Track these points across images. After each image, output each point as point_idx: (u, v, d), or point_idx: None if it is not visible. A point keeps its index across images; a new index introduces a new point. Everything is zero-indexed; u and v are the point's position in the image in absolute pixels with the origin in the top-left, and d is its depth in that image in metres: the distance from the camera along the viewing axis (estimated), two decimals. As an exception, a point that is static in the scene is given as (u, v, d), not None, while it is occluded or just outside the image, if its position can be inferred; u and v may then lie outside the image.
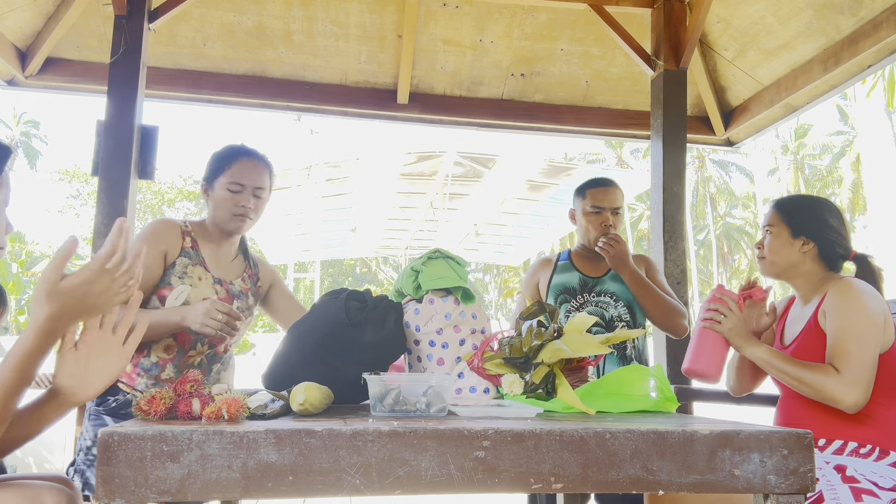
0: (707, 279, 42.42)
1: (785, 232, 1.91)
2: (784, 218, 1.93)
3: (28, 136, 37.75)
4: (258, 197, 2.10)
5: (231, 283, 2.13)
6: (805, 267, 1.90)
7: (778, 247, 1.91)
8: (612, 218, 2.58)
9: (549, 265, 2.72)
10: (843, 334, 1.69)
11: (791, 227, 1.91)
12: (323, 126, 36.12)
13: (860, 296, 1.74)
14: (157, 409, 1.15)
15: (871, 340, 1.68)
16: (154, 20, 3.14)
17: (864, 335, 1.68)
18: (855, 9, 3.04)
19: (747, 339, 1.82)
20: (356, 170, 10.12)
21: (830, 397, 1.65)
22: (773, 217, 1.95)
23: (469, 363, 1.61)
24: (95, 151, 2.98)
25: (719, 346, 1.86)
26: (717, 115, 4.05)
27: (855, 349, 1.66)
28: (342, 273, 43.46)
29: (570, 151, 44.82)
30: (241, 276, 2.19)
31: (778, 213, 1.95)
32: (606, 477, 1.07)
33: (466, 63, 3.96)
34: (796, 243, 1.89)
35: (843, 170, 34.40)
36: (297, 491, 1.00)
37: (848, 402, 1.63)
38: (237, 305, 2.12)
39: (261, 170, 2.12)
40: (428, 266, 1.77)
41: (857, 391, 1.62)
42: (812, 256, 1.89)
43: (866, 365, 1.65)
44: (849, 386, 1.62)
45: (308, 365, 1.58)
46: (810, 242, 1.88)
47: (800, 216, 1.91)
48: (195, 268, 2.06)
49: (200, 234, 2.13)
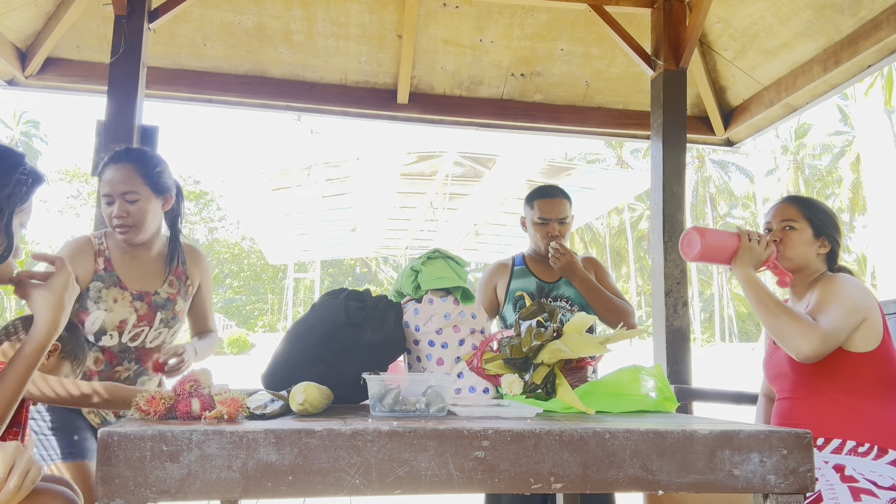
0: (707, 279, 42.42)
1: (808, 230, 1.95)
2: (807, 216, 1.96)
3: (28, 136, 37.75)
4: (131, 202, 1.96)
5: (155, 294, 2.06)
6: (814, 266, 1.95)
7: (800, 243, 1.95)
8: (559, 227, 2.62)
9: (505, 270, 2.75)
10: (826, 302, 1.76)
11: (814, 226, 1.95)
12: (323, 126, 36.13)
13: (847, 284, 1.81)
14: (156, 409, 1.15)
15: (849, 312, 1.73)
16: (154, 20, 3.14)
17: (845, 307, 1.74)
18: (855, 9, 3.04)
19: (750, 264, 1.87)
20: (356, 170, 10.12)
21: (792, 335, 1.69)
22: (794, 213, 1.98)
23: (468, 363, 1.61)
24: (95, 151, 2.98)
25: (725, 250, 1.91)
26: (716, 115, 4.05)
27: (834, 312, 1.72)
28: (342, 273, 43.45)
29: (570, 151, 44.84)
30: (165, 280, 2.10)
31: (801, 211, 1.98)
32: (606, 477, 1.07)
33: (466, 63, 3.96)
34: (816, 243, 1.95)
35: (843, 170, 34.42)
36: (296, 491, 1.00)
37: (805, 349, 1.67)
38: (161, 317, 2.07)
39: (125, 173, 1.96)
40: (427, 266, 1.77)
41: (818, 344, 1.67)
42: (823, 257, 1.96)
43: (838, 330, 1.70)
44: (815, 337, 1.67)
45: (307, 365, 1.58)
46: (828, 245, 1.95)
47: (823, 218, 1.97)
48: (110, 290, 1.99)
49: (116, 246, 2.05)
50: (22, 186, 1.31)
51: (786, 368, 1.88)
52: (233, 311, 39.20)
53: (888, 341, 1.80)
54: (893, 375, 1.78)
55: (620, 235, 43.42)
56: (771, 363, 1.98)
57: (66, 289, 1.36)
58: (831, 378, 1.78)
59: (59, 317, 1.33)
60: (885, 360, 1.77)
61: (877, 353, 1.76)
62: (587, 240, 43.60)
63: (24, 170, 1.32)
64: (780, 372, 1.91)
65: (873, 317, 1.78)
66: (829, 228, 1.96)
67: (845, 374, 1.77)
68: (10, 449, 1.11)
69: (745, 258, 1.88)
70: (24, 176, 1.31)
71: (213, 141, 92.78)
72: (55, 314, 1.32)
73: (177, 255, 2.15)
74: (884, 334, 1.79)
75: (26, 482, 1.10)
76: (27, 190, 1.33)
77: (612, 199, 12.43)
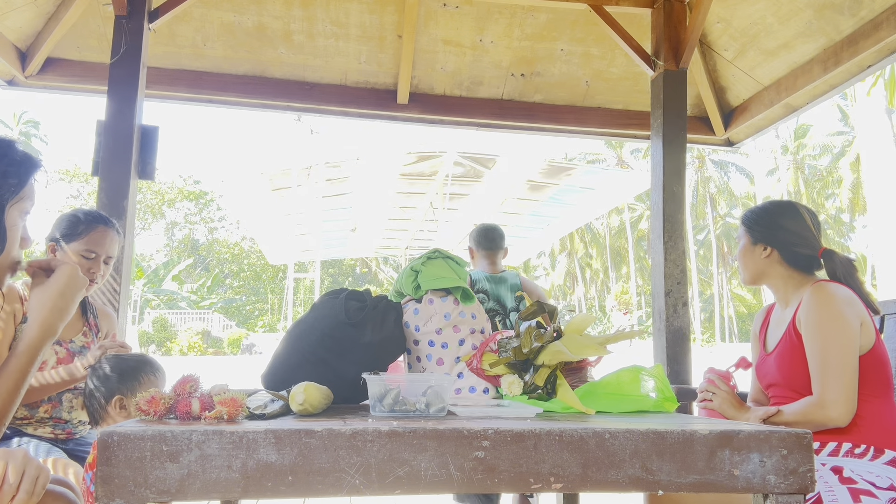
0: (707, 279, 42.43)
1: (747, 241, 1.99)
2: (745, 228, 2.01)
3: (28, 136, 37.77)
4: (107, 264, 2.23)
5: (71, 342, 2.20)
6: (774, 271, 1.94)
7: (742, 256, 2.01)
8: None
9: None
10: (821, 352, 1.73)
11: (751, 235, 1.98)
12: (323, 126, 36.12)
13: (833, 302, 1.75)
14: (156, 410, 1.15)
15: (848, 349, 1.71)
16: (154, 20, 3.14)
17: (841, 346, 1.71)
18: (855, 9, 3.04)
19: (738, 410, 1.88)
20: (356, 170, 10.13)
21: (822, 423, 1.71)
22: (740, 228, 2.05)
23: (468, 364, 1.61)
24: (95, 151, 2.98)
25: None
26: (716, 115, 4.05)
27: (833, 364, 1.70)
28: (342, 273, 43.45)
29: (570, 151, 44.87)
30: (81, 331, 2.26)
31: (741, 224, 2.04)
32: (606, 477, 1.07)
33: (466, 63, 3.96)
34: (756, 250, 1.96)
35: (843, 170, 34.42)
36: (296, 491, 1.00)
37: (835, 420, 1.69)
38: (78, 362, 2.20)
39: (111, 238, 2.23)
40: (427, 266, 1.77)
41: (838, 407, 1.68)
42: (777, 261, 1.93)
43: (846, 376, 1.69)
44: (829, 406, 1.69)
45: (307, 365, 1.58)
46: (769, 248, 1.93)
47: (756, 224, 1.97)
48: None
49: None
50: (10, 178, 1.23)
51: (777, 377, 1.88)
52: (233, 311, 39.20)
53: (879, 343, 1.80)
54: (886, 376, 1.78)
55: (620, 235, 43.43)
56: (762, 371, 1.97)
57: (66, 287, 1.30)
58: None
59: (55, 317, 1.28)
60: (877, 361, 1.77)
61: (869, 356, 1.76)
62: (587, 240, 43.62)
63: (14, 159, 1.24)
64: (773, 381, 1.91)
65: (865, 322, 1.77)
66: (764, 232, 1.93)
67: None
68: (19, 456, 1.10)
69: (728, 412, 1.89)
70: (11, 167, 1.23)
71: (213, 141, 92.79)
72: (51, 315, 1.27)
73: (87, 308, 2.35)
74: (875, 336, 1.79)
75: (37, 488, 1.09)
76: (18, 181, 1.24)
77: (612, 199, 12.44)
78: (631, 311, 34.37)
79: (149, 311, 31.83)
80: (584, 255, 44.43)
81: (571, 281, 45.02)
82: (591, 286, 45.31)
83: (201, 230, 44.95)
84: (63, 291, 1.31)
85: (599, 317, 32.10)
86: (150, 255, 43.38)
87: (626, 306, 34.98)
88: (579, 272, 44.27)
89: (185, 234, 44.90)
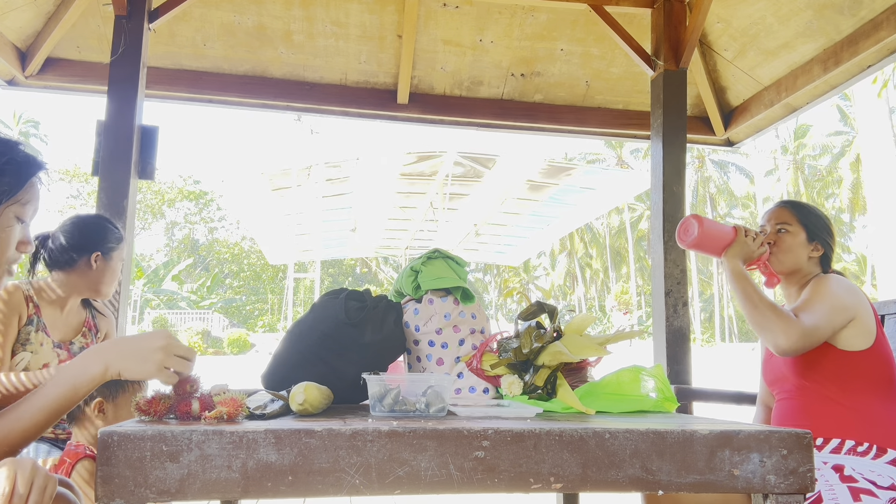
0: (707, 279, 42.41)
1: (802, 234, 1.98)
2: (802, 220, 1.99)
3: (28, 135, 37.77)
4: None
5: (71, 344, 2.20)
6: (807, 269, 1.97)
7: (793, 246, 1.98)
8: None
9: None
10: (810, 300, 1.79)
11: (808, 230, 1.98)
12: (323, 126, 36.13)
13: (834, 283, 1.83)
14: (156, 410, 1.15)
15: (833, 310, 1.75)
16: (154, 20, 3.14)
17: (829, 305, 1.76)
18: (855, 9, 3.04)
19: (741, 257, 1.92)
20: (356, 170, 10.12)
21: (772, 329, 1.73)
22: (788, 216, 2.01)
23: (468, 364, 1.61)
24: (95, 151, 2.98)
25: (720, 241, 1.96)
26: (716, 115, 4.05)
27: (817, 310, 1.75)
28: (342, 273, 43.45)
29: (570, 151, 44.88)
30: (80, 331, 2.26)
31: (795, 215, 2.01)
32: (606, 477, 1.07)
33: (466, 63, 3.96)
34: (809, 247, 1.97)
35: (843, 170, 34.43)
36: (296, 491, 1.00)
37: (783, 344, 1.71)
38: None
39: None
40: (427, 266, 1.77)
41: (796, 339, 1.70)
42: (815, 261, 1.98)
43: (819, 327, 1.73)
44: (794, 332, 1.71)
45: (307, 365, 1.58)
46: (820, 248, 1.98)
47: (816, 222, 1.99)
48: (37, 334, 2.11)
49: (43, 297, 2.16)
50: (6, 177, 1.19)
51: (784, 371, 1.88)
52: (233, 311, 39.20)
53: (882, 340, 1.81)
54: (890, 374, 1.78)
55: (620, 235, 43.43)
56: (769, 367, 1.98)
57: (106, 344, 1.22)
58: (829, 378, 1.78)
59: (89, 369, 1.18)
60: (880, 358, 1.77)
61: (871, 352, 1.77)
62: (587, 240, 43.62)
63: (13, 159, 1.20)
64: (779, 375, 1.91)
65: (863, 315, 1.78)
66: (822, 233, 1.98)
67: (842, 374, 1.77)
68: (27, 465, 1.08)
69: (737, 251, 1.92)
70: (9, 166, 1.19)
71: (213, 141, 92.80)
72: (83, 363, 1.19)
73: (91, 304, 2.34)
74: (877, 333, 1.80)
75: (45, 499, 1.09)
76: (14, 182, 1.20)
77: (612, 199, 12.43)
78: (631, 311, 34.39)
79: (149, 311, 31.85)
80: (584, 255, 44.45)
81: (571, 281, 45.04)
82: (591, 286, 45.33)
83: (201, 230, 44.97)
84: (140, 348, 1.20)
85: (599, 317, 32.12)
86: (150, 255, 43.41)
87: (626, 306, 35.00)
88: (579, 272, 44.29)
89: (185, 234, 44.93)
